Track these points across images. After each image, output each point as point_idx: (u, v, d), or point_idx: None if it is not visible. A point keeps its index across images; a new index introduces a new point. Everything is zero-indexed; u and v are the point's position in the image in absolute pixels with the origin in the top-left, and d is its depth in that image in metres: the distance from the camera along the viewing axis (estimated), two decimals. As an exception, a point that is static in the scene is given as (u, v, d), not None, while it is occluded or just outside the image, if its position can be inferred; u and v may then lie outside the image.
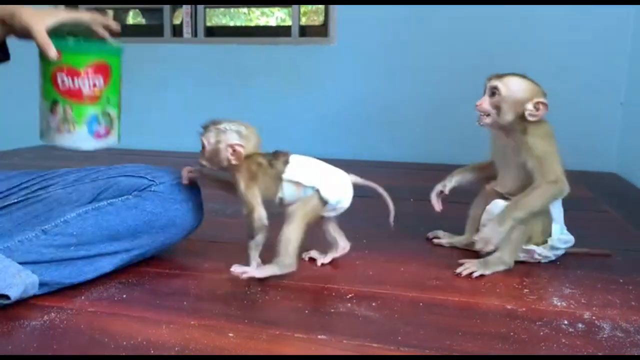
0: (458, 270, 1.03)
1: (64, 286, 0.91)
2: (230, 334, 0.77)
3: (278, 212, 1.00)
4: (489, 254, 1.04)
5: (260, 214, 0.97)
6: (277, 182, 0.98)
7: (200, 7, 2.91)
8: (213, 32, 3.03)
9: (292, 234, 0.95)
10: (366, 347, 0.74)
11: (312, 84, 2.79)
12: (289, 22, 2.92)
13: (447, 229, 1.26)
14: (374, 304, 0.89)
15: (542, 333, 0.80)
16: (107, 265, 0.96)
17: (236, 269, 0.97)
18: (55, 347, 0.72)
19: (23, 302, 0.85)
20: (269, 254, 0.97)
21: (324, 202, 0.98)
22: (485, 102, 1.05)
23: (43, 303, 0.86)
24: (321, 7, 2.94)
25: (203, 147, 0.99)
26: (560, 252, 1.10)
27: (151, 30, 3.12)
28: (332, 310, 0.87)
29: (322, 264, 1.07)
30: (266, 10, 4.02)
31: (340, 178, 1.01)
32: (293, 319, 0.84)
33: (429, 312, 0.86)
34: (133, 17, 3.56)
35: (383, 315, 0.85)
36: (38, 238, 0.89)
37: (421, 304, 0.90)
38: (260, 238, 0.98)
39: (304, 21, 2.99)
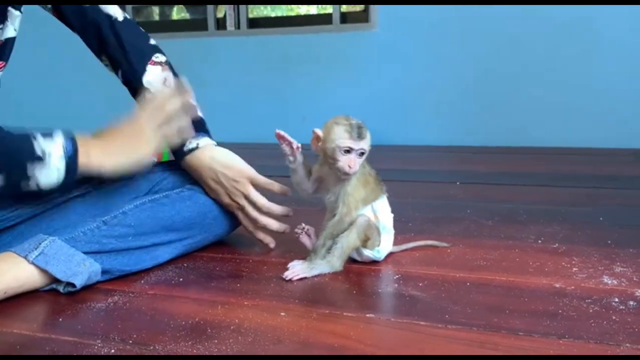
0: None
1: (125, 273, 0.96)
2: (282, 313, 0.80)
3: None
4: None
5: (353, 217, 0.96)
6: (372, 199, 0.98)
7: (242, -1, 2.95)
8: (256, 23, 3.07)
9: (352, 242, 0.95)
10: (414, 325, 0.76)
11: (355, 70, 2.79)
12: (330, 9, 2.92)
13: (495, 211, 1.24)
14: (421, 284, 0.90)
15: (591, 310, 0.79)
16: (163, 254, 1.01)
17: (289, 274, 0.94)
18: (119, 326, 0.77)
19: (88, 287, 0.90)
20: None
21: (378, 243, 0.99)
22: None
23: (106, 287, 0.92)
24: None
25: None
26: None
27: (195, 25, 3.18)
28: (380, 291, 0.90)
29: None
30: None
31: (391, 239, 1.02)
32: (341, 299, 0.87)
33: (477, 292, 0.87)
34: (177, 13, 3.65)
35: (430, 294, 0.86)
36: (99, 229, 0.94)
37: (468, 283, 0.91)
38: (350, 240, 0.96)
39: (344, 8, 2.98)
